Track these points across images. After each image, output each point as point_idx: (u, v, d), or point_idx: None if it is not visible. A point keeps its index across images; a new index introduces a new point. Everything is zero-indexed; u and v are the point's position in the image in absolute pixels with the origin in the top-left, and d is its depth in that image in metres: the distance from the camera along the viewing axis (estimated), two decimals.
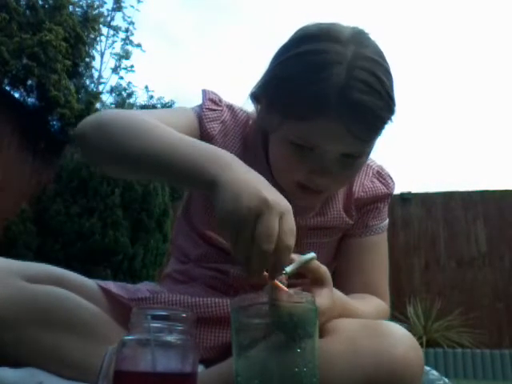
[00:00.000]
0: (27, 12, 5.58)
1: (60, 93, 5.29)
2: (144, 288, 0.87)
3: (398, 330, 0.64)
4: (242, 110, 0.91)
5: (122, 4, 9.00)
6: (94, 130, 0.71)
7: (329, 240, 0.89)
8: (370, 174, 0.92)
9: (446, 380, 0.88)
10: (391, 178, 0.94)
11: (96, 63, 8.66)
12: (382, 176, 0.93)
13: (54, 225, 4.45)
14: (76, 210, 4.42)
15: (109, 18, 9.04)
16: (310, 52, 0.73)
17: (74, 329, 0.72)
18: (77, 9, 6.81)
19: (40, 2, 5.69)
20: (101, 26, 8.01)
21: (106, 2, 8.48)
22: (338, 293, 0.71)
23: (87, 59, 6.76)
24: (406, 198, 5.96)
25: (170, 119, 0.79)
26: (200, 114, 0.86)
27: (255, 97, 0.83)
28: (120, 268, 4.42)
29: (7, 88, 5.34)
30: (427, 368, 0.84)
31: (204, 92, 0.90)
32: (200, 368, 0.68)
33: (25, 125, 5.22)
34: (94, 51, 7.95)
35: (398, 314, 4.73)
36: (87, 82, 7.88)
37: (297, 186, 0.79)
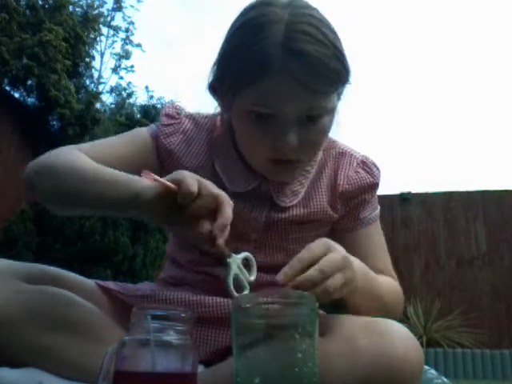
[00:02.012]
0: (27, 12, 5.58)
1: (60, 93, 5.29)
2: (144, 287, 0.87)
3: (397, 329, 0.64)
4: (206, 116, 0.92)
5: (122, 4, 9.01)
6: (37, 175, 0.77)
7: (315, 234, 0.87)
8: (355, 164, 0.89)
9: (445, 379, 0.88)
10: (376, 167, 0.91)
11: (96, 63, 8.68)
12: (366, 165, 0.90)
13: (54, 225, 4.45)
14: None
15: (109, 18, 9.06)
16: (248, 20, 0.75)
17: (73, 329, 0.72)
18: (77, 9, 6.82)
19: (40, 2, 5.70)
20: (101, 26, 8.02)
21: (106, 2, 8.50)
22: (357, 262, 0.71)
23: (87, 59, 6.77)
24: (406, 198, 5.96)
25: (119, 150, 0.84)
26: (156, 132, 0.88)
27: (211, 87, 0.83)
28: (120, 268, 4.42)
29: (7, 88, 5.34)
30: (426, 367, 0.84)
31: (163, 109, 0.92)
32: (200, 368, 0.68)
33: (25, 125, 5.22)
34: (94, 51, 7.97)
35: None
36: (87, 82, 7.90)
37: (267, 162, 0.78)
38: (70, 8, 6.28)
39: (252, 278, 0.69)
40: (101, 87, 9.07)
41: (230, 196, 0.80)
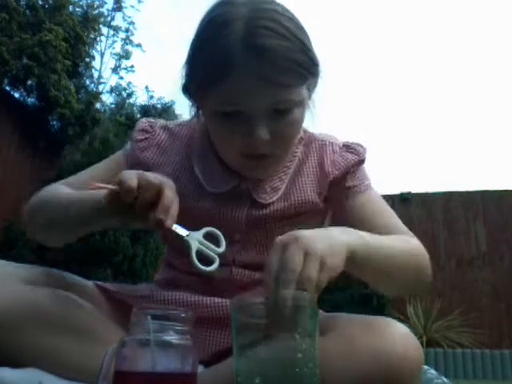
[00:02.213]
0: (27, 12, 5.58)
1: (60, 93, 5.30)
2: (142, 288, 0.87)
3: (397, 328, 0.63)
4: (181, 123, 0.94)
5: (122, 4, 9.01)
6: (27, 214, 0.85)
7: (303, 227, 0.86)
8: (338, 150, 0.88)
9: (445, 379, 0.88)
10: (361, 146, 0.90)
11: (96, 63, 8.66)
12: (350, 147, 0.89)
13: None
14: None
15: (109, 18, 9.05)
16: (209, 20, 0.77)
17: (73, 330, 0.72)
18: (77, 9, 6.81)
19: (40, 2, 5.70)
20: (101, 26, 8.01)
21: (106, 2, 8.49)
22: (340, 230, 0.67)
23: (87, 59, 6.77)
24: (406, 198, 5.96)
25: (97, 175, 0.87)
26: (130, 150, 0.91)
27: (184, 88, 0.84)
28: (120, 268, 4.42)
29: (7, 88, 5.34)
30: (425, 367, 0.84)
31: (137, 124, 0.94)
32: (200, 368, 0.68)
33: (25, 125, 5.22)
34: (94, 51, 7.96)
35: (398, 313, 4.73)
36: (87, 81, 7.88)
37: (241, 158, 0.78)
38: (70, 8, 6.28)
39: (221, 249, 0.71)
40: (101, 87, 9.07)
41: (210, 197, 0.83)
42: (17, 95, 5.50)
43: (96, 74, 8.92)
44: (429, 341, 4.75)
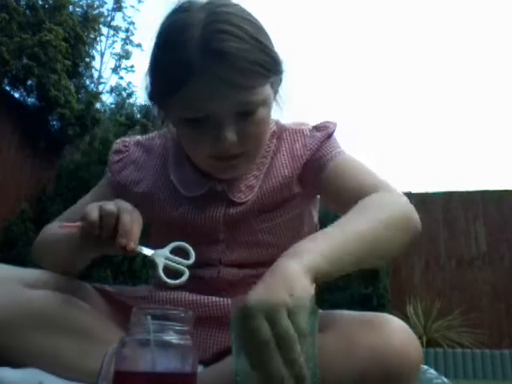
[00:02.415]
0: (27, 12, 5.58)
1: (60, 93, 5.29)
2: (141, 289, 0.88)
3: (395, 324, 0.63)
4: (154, 136, 0.95)
5: (122, 4, 9.00)
6: (35, 260, 0.90)
7: (288, 218, 0.86)
8: (308, 133, 0.88)
9: (445, 379, 0.88)
10: (330, 122, 0.89)
11: (96, 63, 8.67)
12: (318, 127, 0.89)
13: None
14: None
15: (109, 18, 9.05)
16: (166, 28, 0.78)
17: (72, 331, 0.73)
18: (77, 9, 6.81)
19: (40, 2, 5.70)
20: (101, 26, 8.01)
21: (106, 2, 8.49)
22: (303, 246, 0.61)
23: (87, 59, 6.76)
24: None
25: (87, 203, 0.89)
26: (109, 175, 0.93)
27: (150, 98, 0.84)
28: (120, 268, 4.42)
29: (7, 88, 5.34)
30: (425, 367, 0.84)
31: (112, 147, 0.96)
32: (199, 368, 0.68)
33: (25, 125, 5.22)
34: (94, 51, 7.96)
35: (398, 313, 4.73)
36: (87, 81, 7.89)
37: (212, 161, 0.79)
38: (70, 8, 6.27)
39: (190, 260, 0.73)
40: (101, 87, 9.07)
41: (187, 202, 0.85)
42: (17, 95, 5.49)
43: (96, 74, 8.93)
44: (429, 341, 4.75)
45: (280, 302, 0.50)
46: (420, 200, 5.93)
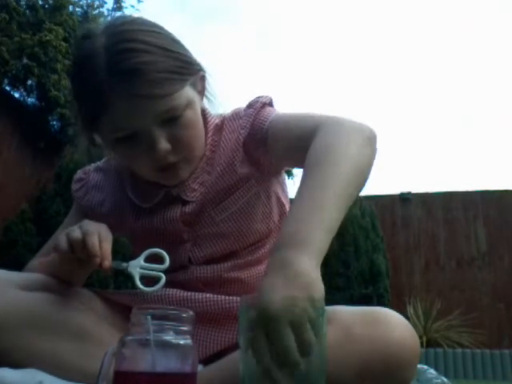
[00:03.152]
0: (27, 12, 5.58)
1: (60, 93, 5.28)
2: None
3: (393, 317, 0.64)
4: (110, 158, 0.97)
5: (122, 4, 8.99)
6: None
7: (242, 203, 0.86)
8: (243, 113, 0.88)
9: (445, 379, 0.88)
10: (261, 96, 0.89)
11: None
12: (251, 103, 0.88)
13: (54, 225, 4.43)
14: None
15: (109, 18, 9.05)
16: (75, 60, 0.81)
17: (71, 332, 0.74)
18: (77, 9, 6.80)
19: (40, 2, 5.69)
20: None
21: (106, 2, 8.46)
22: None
23: None
24: (406, 198, 5.96)
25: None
26: (75, 202, 0.99)
27: (80, 124, 0.86)
28: None
29: (7, 88, 5.33)
30: (425, 367, 0.84)
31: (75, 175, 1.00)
32: (199, 367, 0.68)
33: (25, 125, 5.22)
34: None
35: None
36: None
37: (155, 172, 0.81)
38: (70, 8, 6.26)
39: (164, 265, 0.75)
40: None
41: (147, 213, 0.87)
42: (17, 95, 5.49)
43: None
44: (429, 341, 4.75)
45: (304, 310, 0.50)
46: (420, 200, 5.94)
